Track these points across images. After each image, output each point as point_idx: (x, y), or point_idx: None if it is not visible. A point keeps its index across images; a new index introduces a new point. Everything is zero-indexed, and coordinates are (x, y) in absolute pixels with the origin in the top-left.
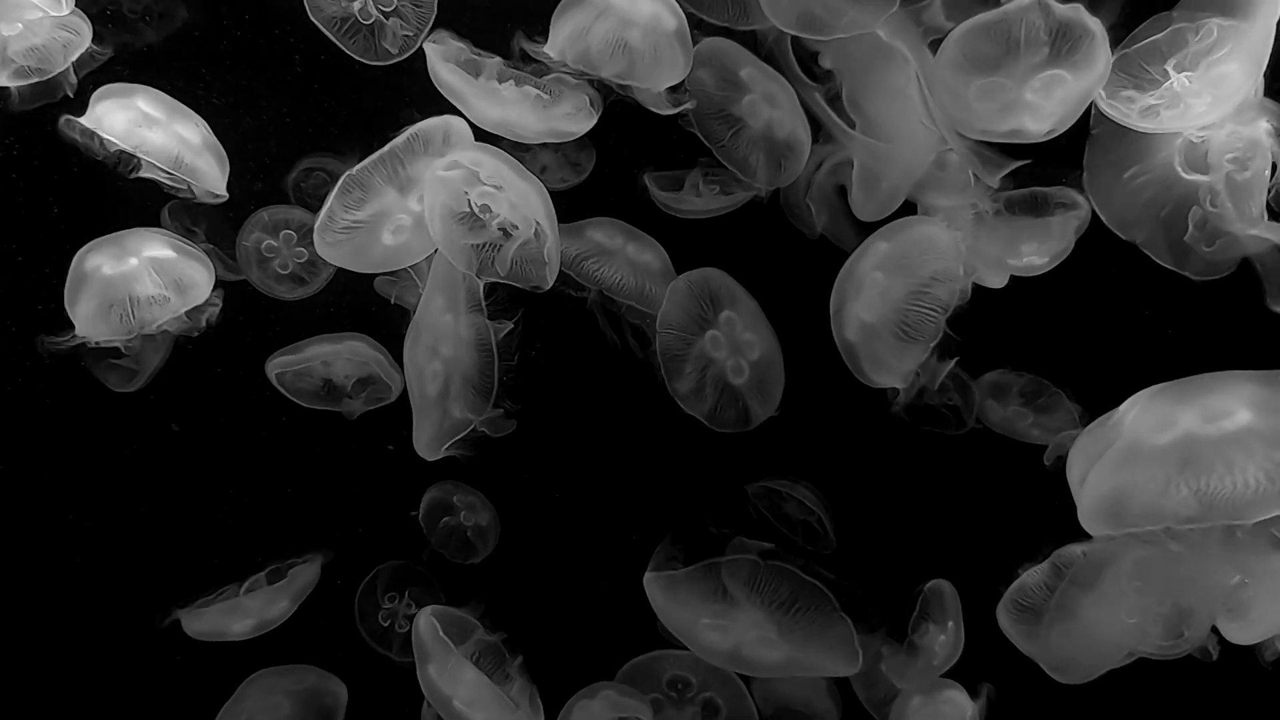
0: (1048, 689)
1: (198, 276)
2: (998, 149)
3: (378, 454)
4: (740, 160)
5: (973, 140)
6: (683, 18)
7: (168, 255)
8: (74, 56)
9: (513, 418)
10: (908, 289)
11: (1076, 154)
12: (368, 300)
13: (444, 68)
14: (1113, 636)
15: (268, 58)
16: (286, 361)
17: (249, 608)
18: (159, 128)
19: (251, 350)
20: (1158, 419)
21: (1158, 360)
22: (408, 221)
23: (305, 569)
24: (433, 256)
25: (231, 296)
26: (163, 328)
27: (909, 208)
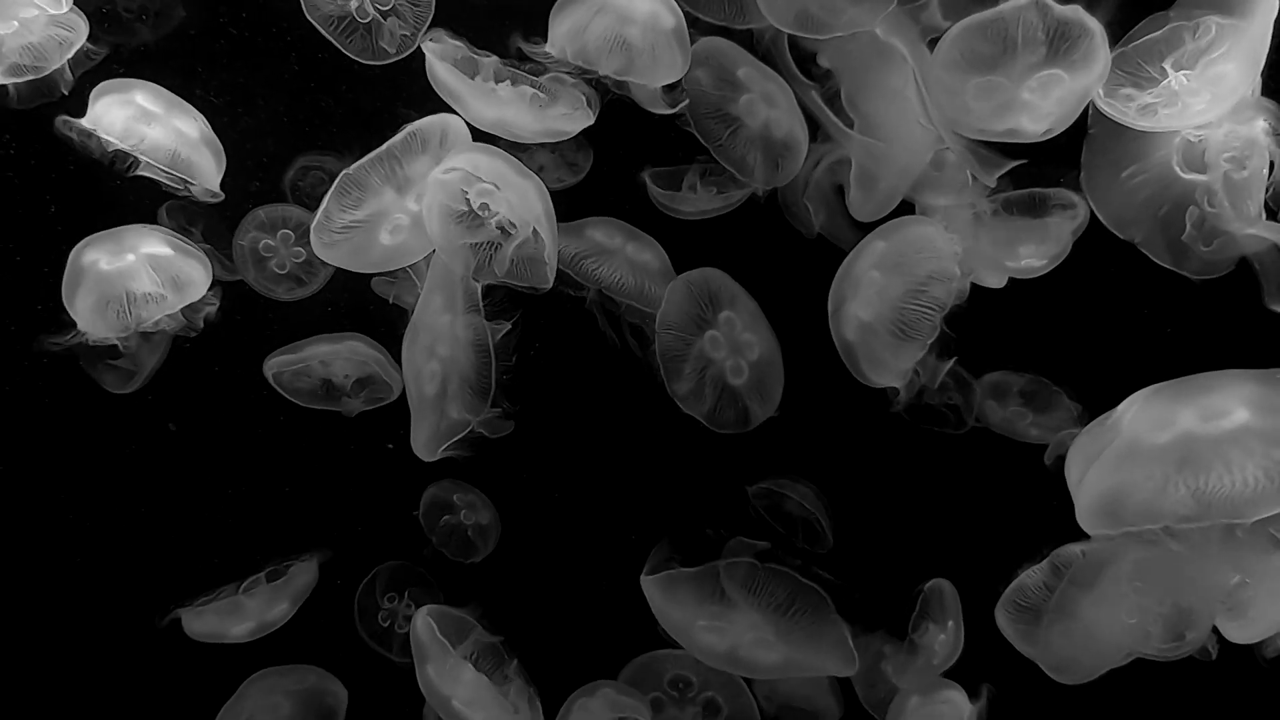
0: (1047, 689)
1: (195, 274)
2: (995, 148)
3: (377, 453)
4: (738, 160)
5: (970, 139)
6: (681, 16)
7: (165, 252)
8: (70, 54)
9: (511, 418)
10: (905, 288)
11: (1074, 154)
12: (367, 299)
13: (442, 67)
14: (1112, 637)
15: (265, 56)
16: (284, 361)
17: (248, 608)
18: (157, 123)
19: (250, 350)
20: (1156, 418)
21: (1156, 359)
22: (405, 221)
23: (304, 569)
24: (431, 256)
25: (230, 296)
26: (159, 326)
27: (907, 207)
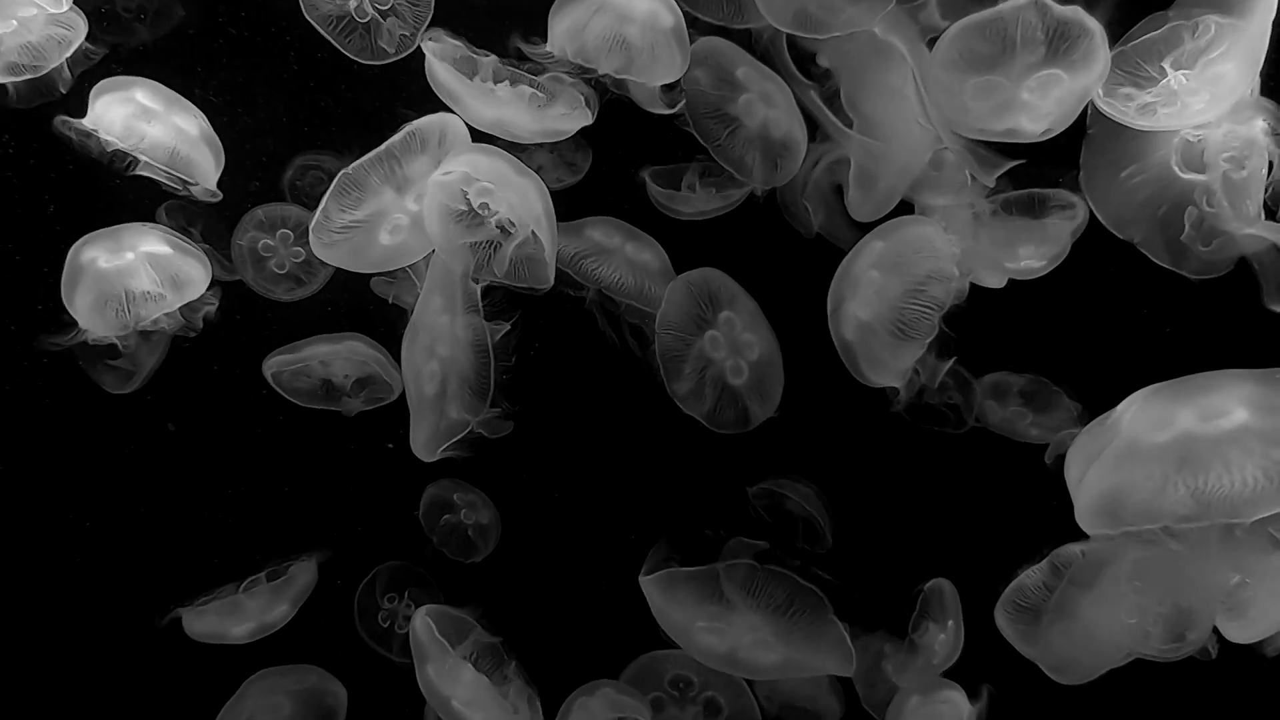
0: (1047, 689)
1: (194, 273)
2: (994, 148)
3: (377, 453)
4: (736, 160)
5: (969, 139)
6: (680, 15)
7: (164, 251)
8: (69, 53)
9: (510, 419)
10: (904, 287)
11: (1074, 154)
12: (366, 299)
13: (441, 67)
14: (1112, 637)
15: (263, 56)
16: (283, 361)
17: (248, 609)
18: (157, 120)
19: (249, 350)
20: (1155, 418)
21: (1155, 359)
22: (405, 221)
23: (304, 569)
24: (431, 256)
25: (229, 296)
26: (158, 325)
27: (906, 207)
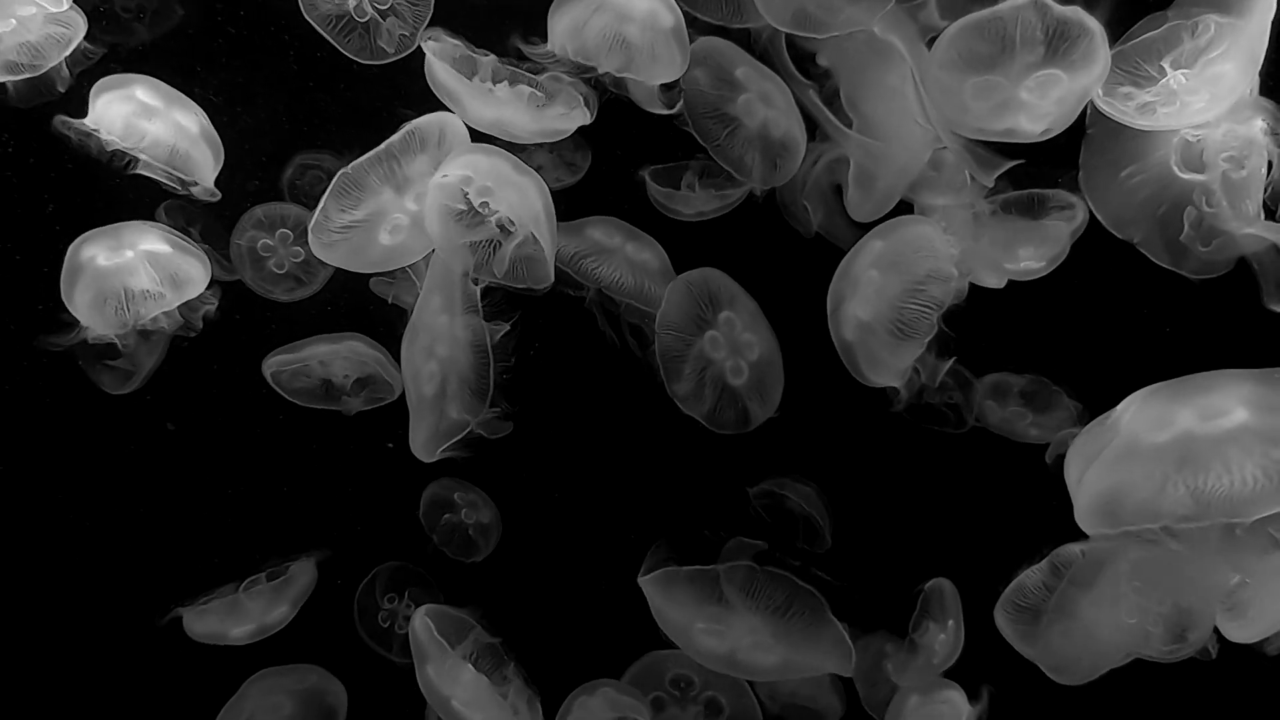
0: (1047, 689)
1: (193, 272)
2: (993, 148)
3: (377, 453)
4: (735, 159)
5: (968, 139)
6: (679, 15)
7: (163, 249)
8: (68, 52)
9: (509, 419)
10: (903, 287)
11: (1073, 154)
12: (366, 300)
13: (440, 67)
14: (1112, 637)
15: (263, 55)
16: (282, 361)
17: (248, 609)
18: (157, 118)
19: (249, 350)
20: (1155, 418)
21: (1155, 359)
22: (405, 221)
23: (304, 569)
24: (430, 256)
25: (228, 296)
26: (158, 324)
27: (905, 207)
